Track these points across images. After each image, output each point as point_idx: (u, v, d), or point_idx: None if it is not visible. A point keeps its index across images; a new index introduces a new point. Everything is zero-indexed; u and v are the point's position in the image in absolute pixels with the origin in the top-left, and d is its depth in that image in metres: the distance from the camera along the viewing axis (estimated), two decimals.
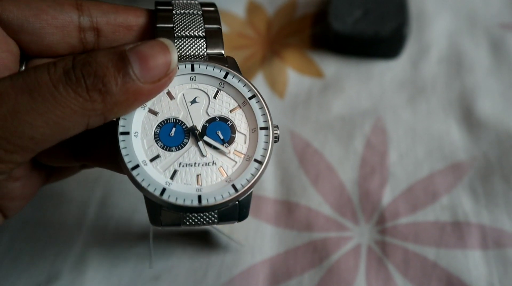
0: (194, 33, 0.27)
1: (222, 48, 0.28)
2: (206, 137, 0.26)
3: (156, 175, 0.25)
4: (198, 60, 0.27)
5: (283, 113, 0.41)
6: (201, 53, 0.27)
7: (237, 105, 0.27)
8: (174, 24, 0.27)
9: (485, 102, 0.41)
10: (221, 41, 0.28)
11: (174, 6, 0.28)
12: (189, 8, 0.28)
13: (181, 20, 0.28)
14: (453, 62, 0.44)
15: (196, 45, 0.27)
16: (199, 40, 0.27)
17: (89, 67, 0.22)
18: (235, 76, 0.27)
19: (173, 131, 0.26)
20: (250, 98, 0.27)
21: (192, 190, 0.25)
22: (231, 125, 0.27)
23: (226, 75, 0.27)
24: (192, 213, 0.25)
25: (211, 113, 0.27)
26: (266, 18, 0.48)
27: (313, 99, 0.42)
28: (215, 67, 0.27)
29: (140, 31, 0.28)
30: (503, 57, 0.43)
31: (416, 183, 0.37)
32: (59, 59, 0.23)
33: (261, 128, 0.27)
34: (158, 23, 0.27)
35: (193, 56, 0.27)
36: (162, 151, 0.26)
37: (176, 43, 0.27)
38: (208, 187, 0.25)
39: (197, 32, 0.27)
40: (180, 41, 0.27)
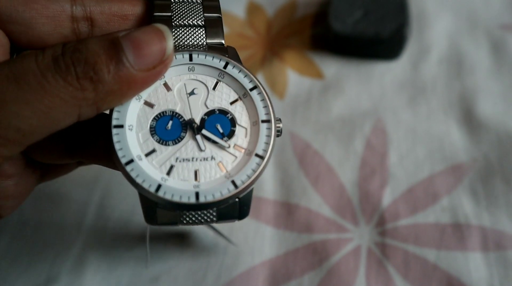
0: (193, 22, 0.26)
1: (222, 37, 0.26)
2: (204, 131, 0.25)
3: (151, 170, 0.24)
4: (197, 49, 0.26)
5: (283, 114, 0.41)
6: (200, 42, 0.26)
7: (237, 97, 0.26)
8: (172, 12, 0.26)
9: (486, 103, 0.41)
10: (221, 30, 0.27)
11: None
12: None
13: (179, 8, 0.26)
14: (453, 63, 0.44)
15: (195, 35, 0.26)
16: (198, 29, 0.26)
17: (79, 54, 0.21)
18: (235, 66, 0.26)
19: (170, 124, 0.25)
20: (251, 89, 0.26)
21: (189, 186, 0.24)
22: (231, 118, 0.26)
23: (226, 65, 0.26)
24: (189, 211, 0.24)
25: (210, 105, 0.26)
26: (266, 18, 0.48)
27: (313, 100, 0.42)
28: (215, 57, 0.26)
29: (136, 21, 0.26)
30: (503, 58, 0.43)
31: (416, 185, 0.37)
32: (48, 47, 0.22)
33: (263, 121, 0.25)
34: (155, 12, 0.26)
35: (191, 46, 0.26)
36: (158, 145, 0.25)
37: (174, 32, 0.26)
38: (206, 184, 0.24)
39: (196, 21, 0.26)
40: (178, 30, 0.26)
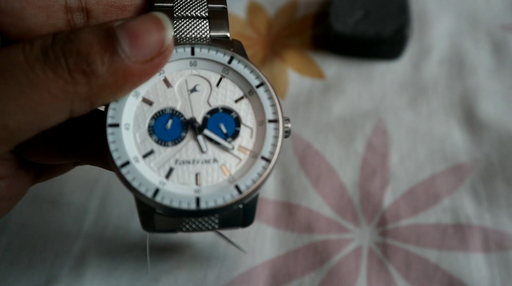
0: (196, 13, 0.24)
1: (227, 30, 0.25)
2: (206, 131, 0.23)
3: (149, 173, 0.22)
4: (199, 43, 0.24)
5: (284, 114, 0.41)
6: (204, 35, 0.24)
7: (242, 95, 0.24)
8: (173, 3, 0.24)
9: (487, 103, 0.41)
10: (226, 22, 0.25)
11: None
12: None
13: None
14: (454, 63, 0.43)
15: (198, 27, 0.24)
16: (202, 21, 0.24)
17: (71, 45, 0.20)
18: (241, 61, 0.24)
19: (170, 123, 0.23)
20: (257, 86, 0.24)
21: (189, 191, 0.22)
22: (236, 117, 0.24)
23: (230, 60, 0.24)
24: (189, 218, 0.23)
25: (213, 103, 0.24)
26: (266, 18, 0.48)
27: (314, 100, 0.42)
28: (219, 51, 0.24)
29: (135, 12, 0.24)
30: (504, 58, 0.43)
31: (417, 185, 0.36)
32: (38, 37, 0.20)
33: (270, 120, 0.24)
34: (156, 2, 0.24)
35: (194, 38, 0.24)
36: (156, 146, 0.23)
37: (175, 24, 0.24)
38: (208, 188, 0.22)
39: (199, 12, 0.24)
40: (180, 22, 0.24)
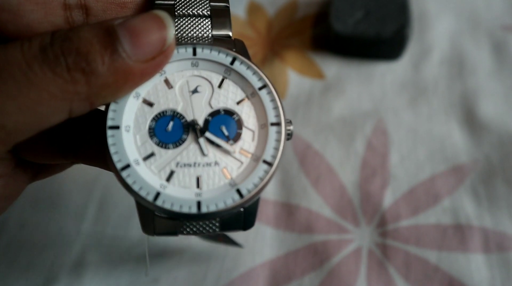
0: (198, 11, 0.24)
1: (229, 29, 0.24)
2: (208, 133, 0.23)
3: (149, 176, 0.22)
4: (201, 43, 0.24)
5: None
6: (206, 34, 0.24)
7: (245, 96, 0.24)
8: (175, 1, 0.24)
9: (487, 104, 0.40)
10: (229, 21, 0.24)
11: None
12: None
13: None
14: (455, 64, 0.43)
15: (199, 26, 0.24)
16: (204, 19, 0.24)
17: (70, 43, 0.19)
18: (243, 62, 0.24)
19: (171, 125, 0.23)
20: (260, 88, 0.24)
21: (190, 194, 0.22)
22: (238, 119, 0.23)
23: (233, 61, 0.24)
24: (190, 221, 0.23)
25: (215, 105, 0.23)
26: (266, 18, 0.48)
27: (314, 101, 0.42)
28: (221, 51, 0.24)
29: (135, 9, 0.24)
30: (505, 59, 0.43)
31: (417, 185, 0.36)
32: (36, 35, 0.20)
33: (272, 123, 0.23)
34: (157, 0, 0.24)
35: (196, 38, 0.24)
36: (157, 148, 0.23)
37: (176, 22, 0.24)
38: (209, 192, 0.22)
39: (201, 10, 0.24)
40: (181, 20, 0.24)
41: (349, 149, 0.39)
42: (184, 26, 0.24)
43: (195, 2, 0.24)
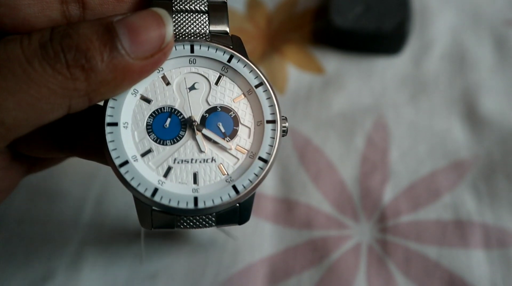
0: (195, 6, 0.24)
1: (227, 25, 0.25)
2: (205, 130, 0.23)
3: (147, 172, 0.23)
4: (199, 39, 0.24)
5: (283, 110, 0.40)
6: (203, 30, 0.24)
7: (241, 94, 0.24)
8: None
9: (489, 99, 0.40)
10: (226, 16, 0.25)
11: None
12: None
13: None
14: (456, 58, 0.43)
15: (197, 21, 0.24)
16: (201, 15, 0.24)
17: (70, 40, 0.20)
18: (240, 60, 0.24)
19: (168, 121, 0.23)
20: (256, 86, 0.24)
21: (187, 190, 0.23)
22: (234, 116, 0.24)
23: (230, 59, 0.24)
24: (187, 216, 0.23)
25: (212, 102, 0.24)
26: (266, 13, 0.47)
27: (314, 96, 0.41)
28: (218, 49, 0.24)
29: (132, 4, 0.24)
30: (507, 54, 0.43)
31: (418, 181, 0.36)
32: (35, 31, 0.20)
33: (268, 121, 0.24)
34: None
35: (193, 33, 0.24)
36: (155, 144, 0.23)
37: (174, 18, 0.24)
38: (205, 187, 0.23)
39: (198, 5, 0.24)
40: (178, 15, 0.24)
41: (349, 144, 0.38)
42: (181, 21, 0.24)
43: None
